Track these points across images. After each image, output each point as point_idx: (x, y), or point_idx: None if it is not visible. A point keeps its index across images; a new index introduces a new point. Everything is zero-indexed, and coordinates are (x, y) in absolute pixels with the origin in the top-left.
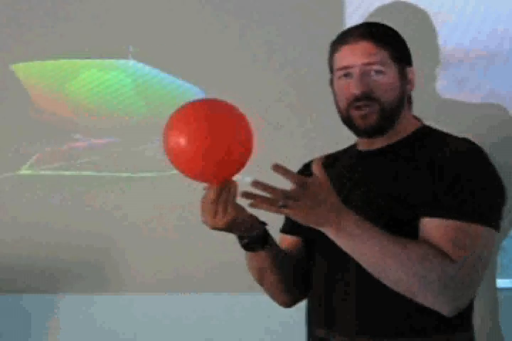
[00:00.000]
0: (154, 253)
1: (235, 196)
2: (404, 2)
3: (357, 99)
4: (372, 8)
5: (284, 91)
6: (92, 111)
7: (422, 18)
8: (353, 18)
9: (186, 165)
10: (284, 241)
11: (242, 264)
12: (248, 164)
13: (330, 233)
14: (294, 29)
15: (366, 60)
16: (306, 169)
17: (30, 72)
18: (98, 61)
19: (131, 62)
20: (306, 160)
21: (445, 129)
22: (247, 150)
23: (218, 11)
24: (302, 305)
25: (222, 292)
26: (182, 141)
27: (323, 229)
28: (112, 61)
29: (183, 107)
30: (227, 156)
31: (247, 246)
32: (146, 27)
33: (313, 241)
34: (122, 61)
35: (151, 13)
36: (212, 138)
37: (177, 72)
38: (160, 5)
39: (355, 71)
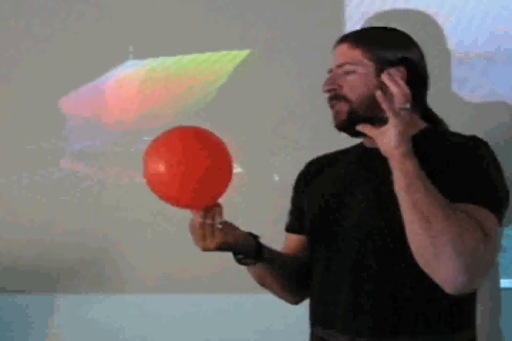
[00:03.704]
0: (154, 254)
1: (220, 218)
2: (404, 2)
3: (329, 98)
4: (371, 8)
5: (285, 91)
6: (93, 112)
7: (422, 18)
8: (353, 19)
9: (166, 194)
10: (290, 239)
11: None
12: (250, 163)
13: (402, 153)
14: (293, 29)
15: (338, 62)
16: (308, 168)
17: None
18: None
19: (132, 62)
20: (306, 160)
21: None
22: (226, 175)
23: (218, 10)
24: (303, 304)
25: (222, 292)
26: (159, 170)
27: (395, 152)
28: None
29: (160, 136)
30: (205, 183)
31: (240, 262)
32: (145, 27)
33: (315, 240)
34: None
35: (151, 13)
36: (188, 166)
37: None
38: (160, 5)
39: (332, 73)
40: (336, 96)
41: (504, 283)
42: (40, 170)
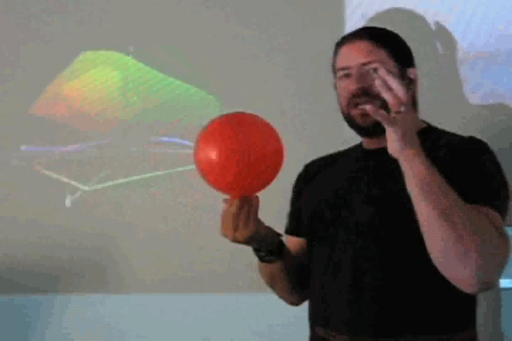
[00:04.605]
0: (154, 254)
1: (256, 210)
2: (404, 2)
3: (355, 95)
4: (371, 8)
5: (285, 91)
6: (92, 113)
7: (422, 18)
8: (353, 19)
9: (217, 177)
10: (289, 242)
11: (242, 264)
12: None
13: (408, 155)
14: (294, 30)
15: (364, 60)
16: (306, 169)
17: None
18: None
19: (131, 62)
20: (306, 161)
21: (445, 129)
22: (277, 165)
23: (218, 11)
24: (304, 304)
25: (222, 292)
26: (214, 153)
27: (401, 155)
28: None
29: (214, 120)
30: (261, 170)
31: (263, 259)
32: (146, 27)
33: (314, 241)
34: (124, 59)
35: (151, 13)
36: (246, 153)
37: (177, 71)
38: (160, 5)
39: (354, 71)
40: (366, 94)
41: (504, 283)
42: (39, 170)
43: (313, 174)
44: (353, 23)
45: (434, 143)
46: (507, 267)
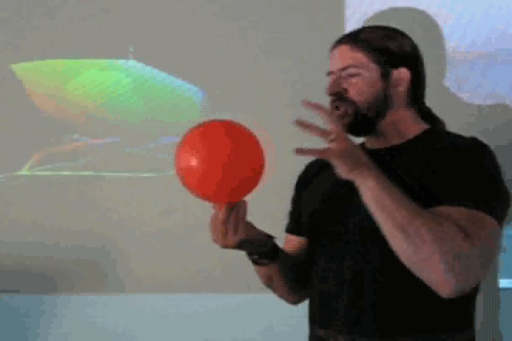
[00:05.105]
0: (154, 254)
1: (244, 215)
2: (404, 3)
3: (333, 100)
4: (371, 8)
5: (284, 92)
6: (92, 111)
7: (422, 18)
8: (353, 19)
9: (198, 185)
10: (290, 241)
11: (242, 264)
12: None
13: (356, 176)
14: (294, 30)
15: (340, 65)
16: (307, 169)
17: (30, 71)
18: (98, 61)
19: (131, 62)
20: (306, 161)
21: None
22: (258, 170)
23: (218, 11)
24: (304, 304)
25: (222, 292)
26: (194, 161)
27: (351, 176)
28: (112, 61)
29: (195, 128)
30: (240, 177)
31: (257, 262)
32: (146, 27)
33: (314, 241)
34: (122, 60)
35: (151, 13)
36: (225, 159)
37: (177, 72)
38: (160, 4)
39: (333, 76)
40: (341, 99)
41: (504, 283)
42: (39, 171)
43: (313, 174)
44: (353, 23)
45: (433, 144)
46: (507, 267)
